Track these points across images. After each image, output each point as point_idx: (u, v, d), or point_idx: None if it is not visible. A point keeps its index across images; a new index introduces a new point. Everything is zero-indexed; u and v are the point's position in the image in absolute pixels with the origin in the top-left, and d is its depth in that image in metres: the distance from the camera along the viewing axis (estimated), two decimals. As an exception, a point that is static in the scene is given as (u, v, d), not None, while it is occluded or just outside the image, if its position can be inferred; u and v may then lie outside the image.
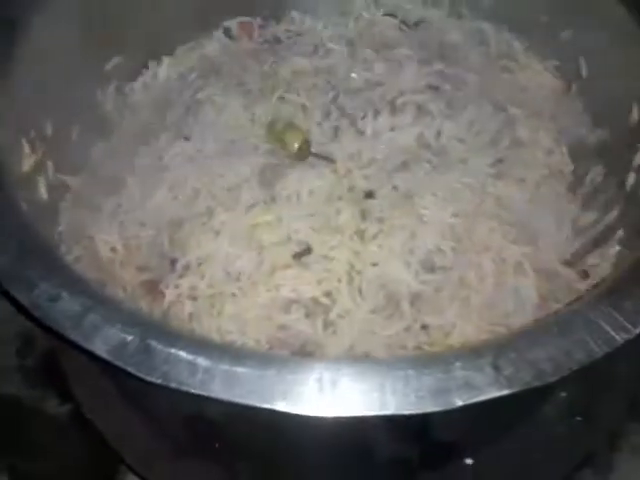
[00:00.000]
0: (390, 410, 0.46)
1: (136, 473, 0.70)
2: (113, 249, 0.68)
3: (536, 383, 0.47)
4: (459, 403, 0.46)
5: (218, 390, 0.44)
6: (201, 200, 0.67)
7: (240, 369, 0.45)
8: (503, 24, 0.87)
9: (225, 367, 0.45)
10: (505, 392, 0.47)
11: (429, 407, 0.46)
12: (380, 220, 0.67)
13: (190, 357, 0.45)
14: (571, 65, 0.81)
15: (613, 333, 0.50)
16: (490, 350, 0.49)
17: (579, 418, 0.74)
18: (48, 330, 0.45)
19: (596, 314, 0.51)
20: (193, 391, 0.44)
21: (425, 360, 0.48)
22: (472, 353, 0.49)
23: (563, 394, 0.73)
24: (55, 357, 0.76)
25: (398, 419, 0.47)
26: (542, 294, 0.68)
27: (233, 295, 0.62)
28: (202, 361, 0.45)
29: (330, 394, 0.45)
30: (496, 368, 0.47)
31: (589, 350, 0.49)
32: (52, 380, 0.78)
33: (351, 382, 0.46)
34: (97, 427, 0.71)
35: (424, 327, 0.65)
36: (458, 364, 0.47)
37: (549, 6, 0.82)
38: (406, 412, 0.46)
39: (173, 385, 0.44)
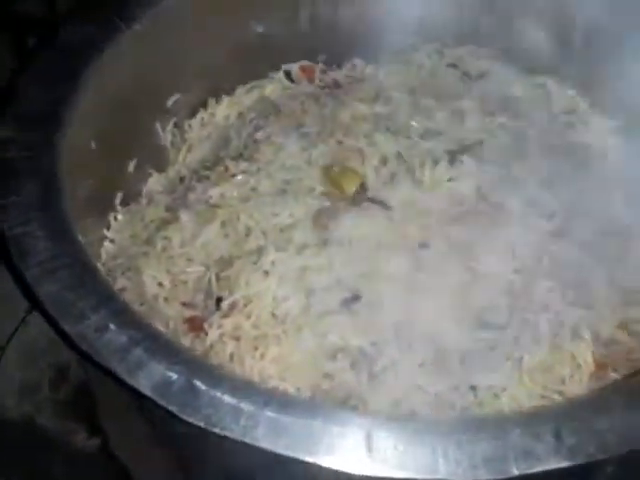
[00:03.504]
0: (440, 475, 0.43)
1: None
2: (160, 284, 0.67)
3: (600, 456, 0.44)
4: (515, 472, 0.43)
5: (261, 438, 0.42)
6: (252, 239, 0.66)
7: (285, 417, 0.44)
8: (566, 80, 0.87)
9: (270, 414, 0.43)
10: (566, 464, 0.43)
11: (483, 475, 0.43)
12: (433, 272, 0.65)
13: (234, 401, 0.44)
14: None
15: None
16: (551, 417, 0.46)
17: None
18: (93, 363, 0.43)
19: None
20: (235, 437, 0.42)
21: (480, 423, 0.45)
22: (531, 419, 0.46)
23: (609, 468, 0.69)
24: (87, 390, 0.75)
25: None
26: (598, 361, 0.64)
27: (277, 338, 0.60)
28: (246, 406, 0.44)
29: (378, 453, 0.43)
30: (557, 437, 0.44)
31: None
32: (82, 413, 0.77)
33: (401, 442, 0.44)
34: (123, 463, 0.69)
35: (473, 387, 0.62)
36: (516, 430, 0.44)
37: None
38: (456, 478, 0.43)
39: (216, 430, 0.42)
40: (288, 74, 0.87)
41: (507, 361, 0.62)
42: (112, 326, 0.46)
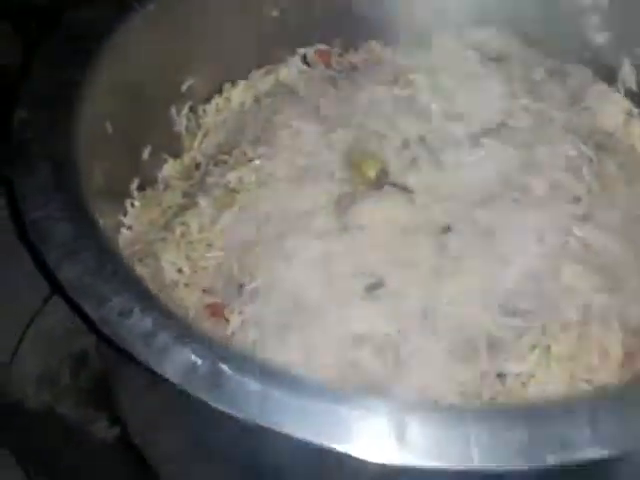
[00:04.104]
0: (475, 464, 0.41)
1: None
2: (179, 270, 0.66)
3: (637, 446, 0.43)
4: (552, 462, 0.42)
5: (289, 425, 0.41)
6: (272, 224, 0.65)
7: (315, 404, 0.42)
8: (589, 65, 0.85)
9: (298, 401, 0.42)
10: (604, 453, 0.42)
11: (518, 464, 0.41)
12: (458, 257, 0.63)
13: (262, 387, 0.42)
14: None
15: None
16: (587, 406, 0.44)
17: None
18: (117, 349, 0.42)
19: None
20: (263, 424, 0.40)
21: (514, 411, 0.44)
22: (567, 408, 0.44)
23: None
24: (107, 378, 0.75)
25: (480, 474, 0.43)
26: (627, 350, 0.63)
27: (301, 325, 0.59)
28: (274, 392, 0.42)
29: (409, 442, 0.42)
30: (594, 426, 0.43)
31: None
32: (102, 402, 0.76)
33: (433, 430, 0.42)
34: (143, 453, 0.68)
35: (500, 375, 0.61)
36: (552, 418, 0.43)
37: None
38: (491, 466, 0.42)
39: (242, 416, 0.41)
40: (304, 58, 0.86)
41: (535, 348, 0.61)
42: (136, 310, 0.44)
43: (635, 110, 0.82)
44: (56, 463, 0.73)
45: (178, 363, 0.42)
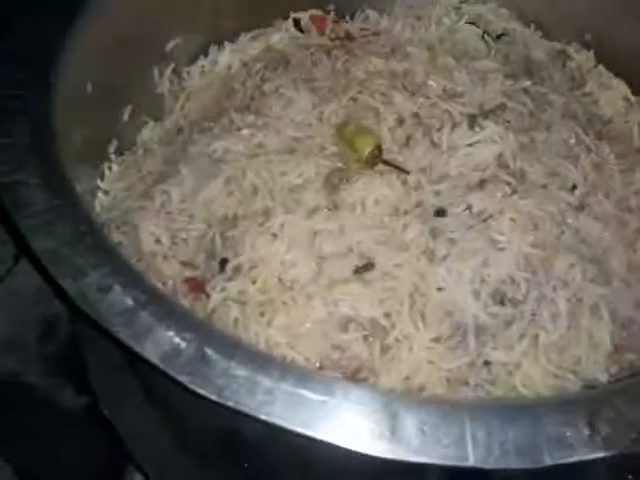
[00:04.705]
0: (470, 462, 0.40)
1: (145, 475, 0.65)
2: (158, 241, 0.62)
3: (636, 448, 0.42)
4: (549, 462, 0.40)
5: (278, 415, 0.39)
6: (259, 198, 0.62)
7: (303, 392, 0.40)
8: (589, 46, 0.83)
9: (287, 388, 0.40)
10: (601, 454, 0.41)
11: (514, 463, 0.40)
12: (451, 241, 0.61)
13: (249, 373, 0.40)
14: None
15: None
16: (584, 405, 0.43)
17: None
18: (95, 326, 0.39)
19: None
20: (252, 413, 0.38)
21: (512, 408, 0.42)
22: (564, 406, 0.43)
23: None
24: (77, 346, 0.71)
25: (476, 473, 0.41)
26: (616, 342, 0.62)
27: (285, 304, 0.56)
28: (262, 379, 0.40)
29: (402, 436, 0.40)
30: (591, 426, 0.42)
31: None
32: (71, 370, 0.73)
33: (427, 424, 0.41)
34: (112, 423, 0.66)
35: (486, 363, 0.59)
36: (549, 417, 0.42)
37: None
38: (487, 466, 0.40)
39: (230, 404, 0.38)
40: (297, 23, 0.82)
41: (523, 338, 0.59)
42: (116, 286, 0.41)
43: (633, 97, 0.80)
44: (23, 432, 0.70)
45: (161, 345, 0.40)
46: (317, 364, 0.55)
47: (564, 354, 0.60)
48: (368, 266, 0.59)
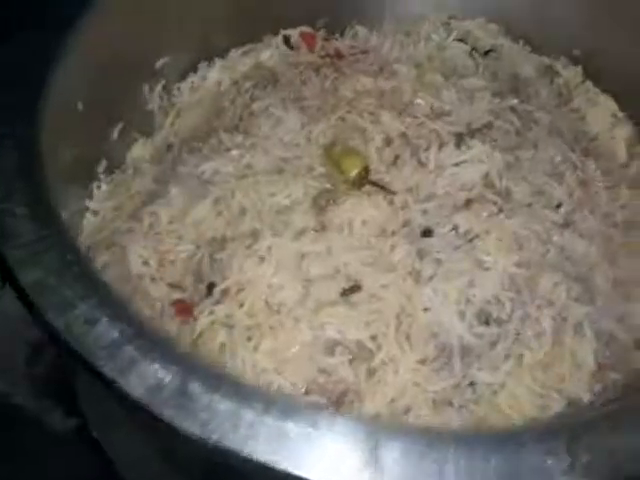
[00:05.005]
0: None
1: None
2: (146, 263, 0.63)
3: (614, 476, 0.42)
4: (529, 492, 0.41)
5: (262, 450, 0.39)
6: (247, 220, 0.62)
7: (287, 426, 0.40)
8: (577, 61, 0.84)
9: (270, 422, 0.40)
10: (582, 483, 0.41)
11: (495, 494, 0.40)
12: (437, 262, 0.62)
13: (233, 406, 0.40)
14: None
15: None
16: (565, 432, 0.44)
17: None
18: (80, 359, 0.39)
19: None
20: (235, 449, 0.39)
21: (493, 436, 0.43)
22: (545, 434, 0.43)
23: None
24: (65, 370, 0.72)
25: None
26: (599, 361, 0.63)
27: (272, 329, 0.57)
28: (245, 412, 0.40)
29: (385, 469, 0.40)
30: (572, 454, 0.42)
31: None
32: (59, 391, 0.73)
33: (409, 456, 0.41)
34: (102, 446, 0.66)
35: (471, 384, 0.60)
36: (530, 445, 0.42)
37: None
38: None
39: (214, 438, 0.39)
40: (287, 40, 0.82)
41: (508, 358, 0.60)
42: (103, 318, 0.42)
43: (620, 113, 0.81)
44: (12, 454, 0.70)
45: (145, 379, 0.40)
46: (303, 389, 0.55)
47: (548, 373, 0.60)
48: (355, 288, 0.60)
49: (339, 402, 0.56)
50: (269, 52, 0.81)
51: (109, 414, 0.64)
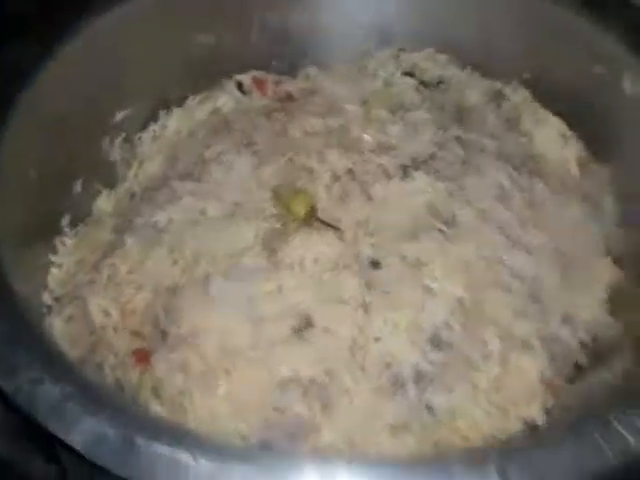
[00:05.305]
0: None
1: None
2: (106, 313, 0.65)
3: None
4: (460, 516, 0.42)
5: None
6: (201, 266, 0.64)
7: (223, 467, 0.42)
8: (525, 86, 0.86)
9: (206, 465, 0.42)
10: (511, 506, 0.43)
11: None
12: (386, 292, 0.64)
13: (171, 453, 0.42)
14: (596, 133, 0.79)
15: (630, 438, 0.46)
16: (496, 454, 0.45)
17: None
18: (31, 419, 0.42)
19: (613, 415, 0.48)
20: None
21: (426, 462, 0.45)
22: (476, 457, 0.45)
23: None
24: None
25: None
26: (547, 375, 0.64)
27: (227, 372, 0.59)
28: (182, 457, 0.42)
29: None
30: (503, 475, 0.44)
31: (603, 458, 0.45)
32: (39, 438, 0.74)
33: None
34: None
35: (429, 408, 0.61)
36: (461, 469, 0.44)
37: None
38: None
39: (151, 486, 0.41)
40: (240, 85, 0.85)
41: (461, 381, 0.62)
42: (46, 379, 0.44)
43: (569, 132, 0.83)
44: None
45: (87, 433, 0.42)
46: (260, 429, 0.57)
47: (501, 394, 0.62)
48: (307, 324, 0.62)
49: (296, 437, 0.57)
50: (225, 98, 0.84)
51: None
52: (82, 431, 0.42)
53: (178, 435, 0.43)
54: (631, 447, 0.46)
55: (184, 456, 0.42)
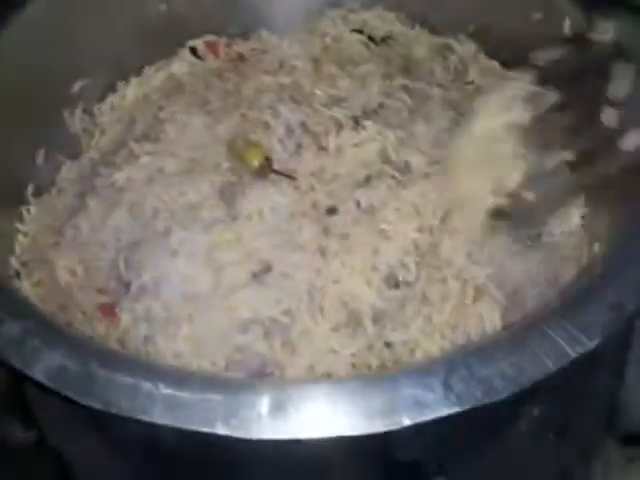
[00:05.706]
0: (337, 432, 0.45)
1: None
2: (73, 272, 0.67)
3: (486, 400, 0.47)
4: (407, 422, 0.45)
5: (159, 415, 0.43)
6: (160, 220, 0.66)
7: (183, 393, 0.45)
8: (471, 39, 0.88)
9: (167, 391, 0.45)
10: (455, 410, 0.46)
11: (377, 427, 0.45)
12: (342, 237, 0.66)
13: (132, 381, 0.45)
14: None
15: (567, 347, 0.49)
16: (441, 367, 0.48)
17: (553, 435, 0.72)
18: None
19: (550, 327, 0.51)
20: (133, 416, 0.43)
21: (374, 380, 0.47)
22: (422, 371, 0.48)
23: (535, 411, 0.72)
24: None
25: (349, 440, 0.46)
26: (507, 319, 0.66)
27: (189, 317, 0.61)
28: (144, 385, 0.45)
29: (275, 417, 0.45)
30: (446, 386, 0.47)
31: (542, 365, 0.48)
32: (16, 404, 0.76)
33: (298, 404, 0.46)
34: (62, 457, 0.69)
35: (388, 344, 0.64)
36: (407, 382, 0.47)
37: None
38: (353, 433, 0.45)
39: (113, 410, 0.43)
40: (194, 50, 0.87)
41: (418, 317, 0.64)
42: (7, 318, 0.46)
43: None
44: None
45: (48, 366, 0.44)
46: (223, 367, 0.59)
47: (457, 331, 0.65)
48: (265, 269, 0.64)
49: (259, 374, 0.60)
50: (180, 64, 0.86)
51: (58, 419, 0.67)
52: (44, 364, 0.44)
53: (139, 365, 0.46)
54: (566, 353, 0.49)
55: (146, 384, 0.44)
